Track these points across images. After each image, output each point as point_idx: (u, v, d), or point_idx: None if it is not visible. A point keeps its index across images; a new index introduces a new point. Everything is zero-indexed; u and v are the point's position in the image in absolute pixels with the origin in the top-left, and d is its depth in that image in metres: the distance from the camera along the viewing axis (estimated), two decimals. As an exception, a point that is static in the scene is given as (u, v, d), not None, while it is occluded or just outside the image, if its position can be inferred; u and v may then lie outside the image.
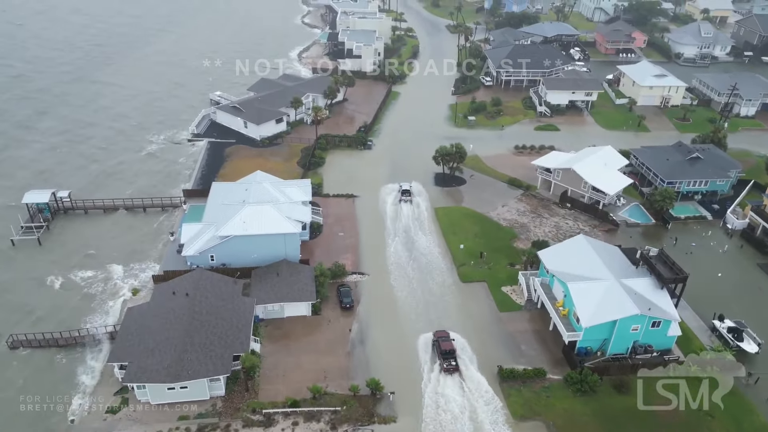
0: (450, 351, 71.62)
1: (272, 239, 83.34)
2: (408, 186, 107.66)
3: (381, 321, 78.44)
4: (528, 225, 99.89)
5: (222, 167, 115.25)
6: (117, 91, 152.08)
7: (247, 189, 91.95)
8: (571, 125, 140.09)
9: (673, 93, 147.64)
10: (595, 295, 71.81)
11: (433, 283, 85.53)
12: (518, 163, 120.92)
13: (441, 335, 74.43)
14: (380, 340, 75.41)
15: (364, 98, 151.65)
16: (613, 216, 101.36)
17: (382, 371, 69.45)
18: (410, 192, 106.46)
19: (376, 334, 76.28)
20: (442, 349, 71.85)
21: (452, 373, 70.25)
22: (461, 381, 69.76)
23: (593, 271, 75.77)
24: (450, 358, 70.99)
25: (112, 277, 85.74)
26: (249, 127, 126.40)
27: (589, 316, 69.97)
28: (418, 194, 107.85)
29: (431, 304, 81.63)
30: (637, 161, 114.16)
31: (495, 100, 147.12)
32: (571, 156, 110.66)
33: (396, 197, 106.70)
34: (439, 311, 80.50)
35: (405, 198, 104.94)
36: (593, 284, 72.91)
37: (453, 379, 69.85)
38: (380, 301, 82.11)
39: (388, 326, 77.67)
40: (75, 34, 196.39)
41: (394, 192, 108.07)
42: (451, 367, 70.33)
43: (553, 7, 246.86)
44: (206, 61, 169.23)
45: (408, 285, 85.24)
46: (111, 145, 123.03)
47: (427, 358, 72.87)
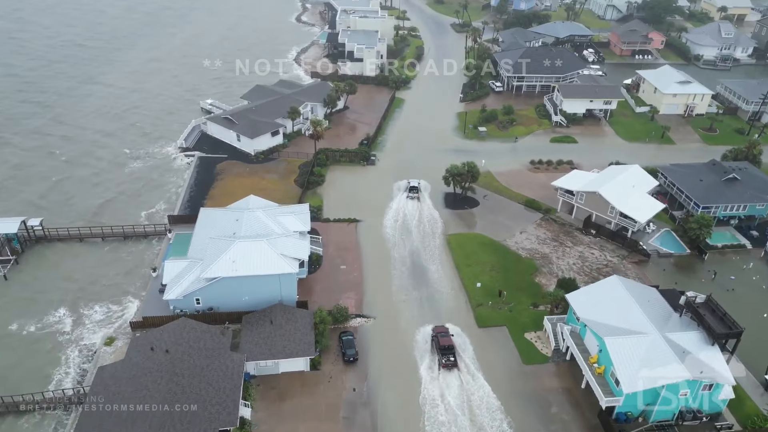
0: (449, 347, 70.65)
1: (266, 280, 73.69)
2: (416, 183, 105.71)
3: (389, 376, 68.94)
4: (550, 256, 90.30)
5: (212, 187, 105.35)
6: (104, 97, 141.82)
7: (237, 219, 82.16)
8: (590, 137, 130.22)
9: (698, 101, 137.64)
10: (636, 354, 62.34)
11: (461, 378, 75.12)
12: (535, 181, 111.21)
13: (440, 330, 73.49)
14: (389, 401, 65.96)
15: (366, 105, 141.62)
16: (643, 245, 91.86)
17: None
18: (418, 189, 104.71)
19: (383, 394, 66.83)
20: (440, 344, 70.82)
21: (451, 369, 69.19)
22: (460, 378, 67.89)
23: (631, 322, 66.35)
24: (449, 353, 70.04)
25: (85, 321, 76.14)
26: (242, 140, 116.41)
27: (631, 380, 60.55)
28: (425, 189, 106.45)
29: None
30: (666, 181, 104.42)
31: (507, 108, 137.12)
32: (594, 176, 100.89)
33: (402, 221, 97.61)
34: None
35: (412, 195, 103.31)
36: (634, 339, 63.44)
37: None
38: (388, 351, 72.54)
39: (397, 383, 68.19)
40: (59, 35, 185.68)
41: (398, 218, 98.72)
42: (449, 363, 69.34)
43: (562, 4, 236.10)
44: (206, 61, 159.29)
45: (418, 330, 75.67)
46: (91, 161, 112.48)
47: (445, 419, 63.63)
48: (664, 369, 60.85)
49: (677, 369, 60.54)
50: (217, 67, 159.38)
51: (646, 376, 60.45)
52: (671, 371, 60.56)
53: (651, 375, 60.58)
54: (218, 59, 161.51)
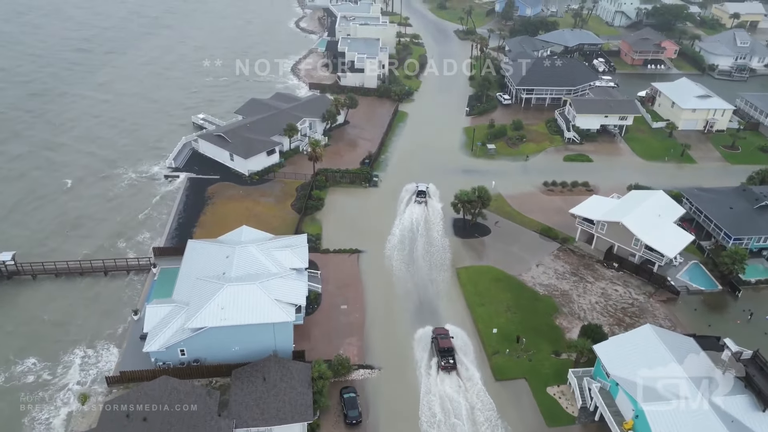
0: (448, 349, 69.83)
1: (258, 329, 66.04)
2: (425, 187, 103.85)
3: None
4: (570, 293, 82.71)
5: (202, 212, 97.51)
6: (88, 108, 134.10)
7: (228, 256, 74.47)
8: (605, 155, 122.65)
9: (719, 116, 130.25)
10: (680, 424, 54.81)
11: (461, 382, 68.28)
12: (549, 206, 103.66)
13: (440, 332, 72.50)
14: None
15: (368, 119, 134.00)
16: (671, 280, 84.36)
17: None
18: (426, 193, 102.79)
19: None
20: (440, 346, 70.00)
21: (450, 371, 68.38)
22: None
23: (671, 382, 58.81)
24: (448, 356, 69.14)
25: (57, 371, 68.40)
26: (236, 160, 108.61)
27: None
28: (434, 194, 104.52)
29: (459, 415, 64.36)
30: (692, 207, 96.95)
31: (516, 123, 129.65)
32: (615, 203, 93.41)
33: (408, 250, 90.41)
34: (471, 425, 63.39)
35: (420, 199, 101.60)
36: (677, 408, 55.86)
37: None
38: (395, 409, 64.90)
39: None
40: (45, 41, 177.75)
41: (403, 247, 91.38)
42: (449, 365, 68.48)
43: (569, 10, 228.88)
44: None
45: (429, 384, 67.99)
46: (70, 185, 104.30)
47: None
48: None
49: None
50: (210, 79, 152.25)
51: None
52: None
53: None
54: (210, 75, 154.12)
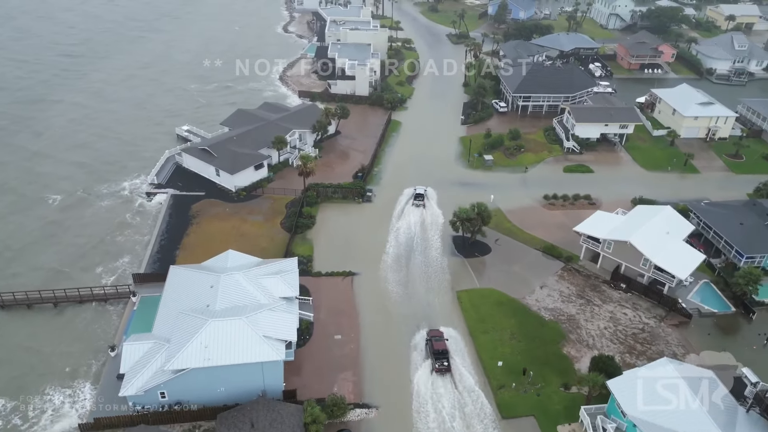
0: (443, 351, 69.62)
1: (245, 369, 60.94)
2: (422, 190, 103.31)
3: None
4: (577, 318, 78.22)
5: (186, 233, 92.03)
6: (73, 116, 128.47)
7: (213, 285, 69.21)
8: (605, 165, 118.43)
9: (721, 124, 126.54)
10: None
11: (465, 421, 63.54)
12: (550, 220, 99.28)
13: (435, 334, 72.26)
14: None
15: (360, 129, 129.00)
16: (683, 302, 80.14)
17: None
18: (424, 196, 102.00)
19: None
20: (434, 348, 69.76)
21: (444, 374, 68.07)
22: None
23: (693, 423, 54.48)
24: (442, 358, 68.96)
25: (29, 415, 62.90)
26: (222, 175, 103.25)
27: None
28: (431, 197, 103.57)
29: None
30: (700, 222, 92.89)
31: (513, 132, 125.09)
32: (620, 219, 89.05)
33: (405, 272, 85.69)
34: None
35: (418, 202, 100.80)
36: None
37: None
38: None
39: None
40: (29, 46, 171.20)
41: (400, 267, 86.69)
42: (443, 367, 68.38)
43: (562, 12, 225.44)
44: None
45: (431, 425, 63.24)
46: (45, 203, 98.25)
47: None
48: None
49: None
50: (196, 86, 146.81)
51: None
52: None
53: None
54: (193, 83, 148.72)
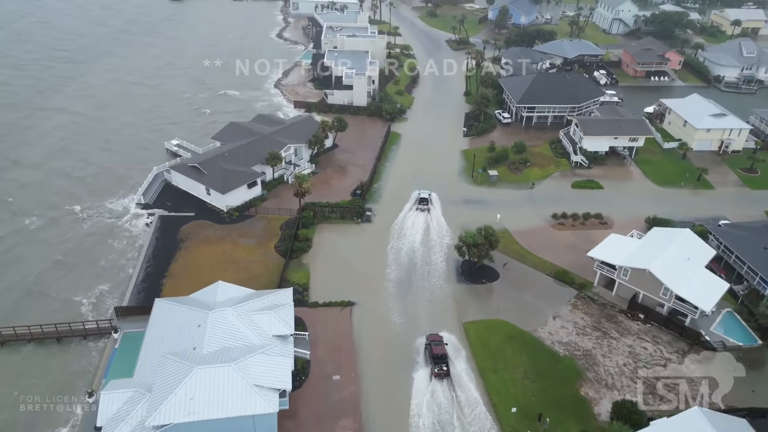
0: (442, 356, 69.03)
1: (235, 423, 55.23)
2: (426, 194, 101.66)
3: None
4: (594, 353, 72.74)
5: (174, 258, 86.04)
6: (53, 129, 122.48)
7: (200, 324, 63.53)
8: (615, 180, 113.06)
9: (735, 136, 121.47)
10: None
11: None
12: (560, 241, 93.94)
13: (434, 339, 71.77)
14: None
15: (358, 142, 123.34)
16: (706, 335, 74.82)
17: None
18: (428, 200, 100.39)
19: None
20: (433, 353, 69.21)
21: (443, 378, 67.53)
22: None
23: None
24: (441, 362, 68.47)
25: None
26: (213, 194, 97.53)
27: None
28: (435, 201, 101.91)
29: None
30: (721, 246, 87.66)
31: (518, 145, 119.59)
32: (636, 243, 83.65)
33: (410, 299, 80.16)
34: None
35: (422, 206, 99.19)
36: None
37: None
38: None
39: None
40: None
41: (402, 295, 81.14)
42: (442, 372, 67.83)
43: (563, 17, 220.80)
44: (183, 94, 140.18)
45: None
46: (17, 227, 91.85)
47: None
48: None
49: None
50: (188, 95, 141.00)
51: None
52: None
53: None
54: (187, 92, 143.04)
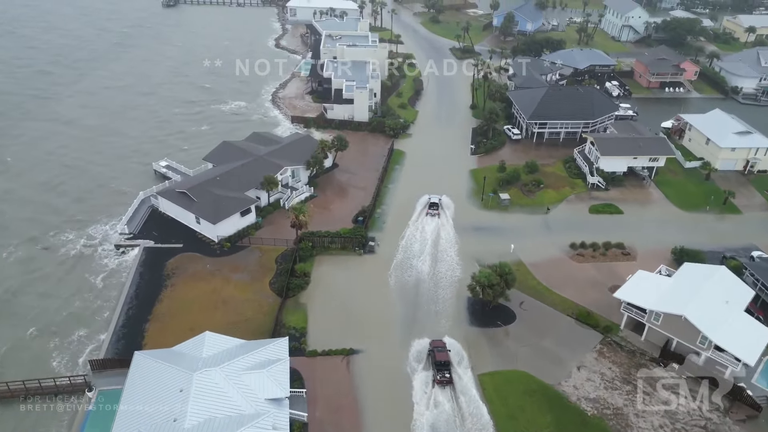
0: (445, 362, 68.00)
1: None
2: (437, 199, 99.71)
3: None
4: (626, 412, 65.09)
5: (158, 299, 78.17)
6: (35, 144, 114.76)
7: (183, 389, 55.87)
8: (635, 204, 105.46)
9: (761, 155, 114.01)
10: None
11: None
12: (580, 276, 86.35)
13: (437, 345, 70.34)
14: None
15: (359, 161, 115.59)
16: (749, 390, 67.28)
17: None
18: (438, 205, 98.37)
19: None
20: (436, 359, 68.10)
21: (445, 385, 66.34)
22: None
23: None
24: (444, 369, 67.28)
25: None
26: (203, 224, 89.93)
27: None
28: (447, 207, 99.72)
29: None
30: (758, 283, 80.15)
31: (530, 165, 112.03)
32: (667, 282, 76.21)
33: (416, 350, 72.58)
34: None
35: (432, 212, 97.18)
36: None
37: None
38: None
39: None
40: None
41: (409, 340, 73.48)
42: (444, 379, 66.72)
43: (570, 23, 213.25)
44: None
45: None
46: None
47: None
48: None
49: None
50: (179, 110, 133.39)
51: None
52: None
53: None
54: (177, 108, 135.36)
